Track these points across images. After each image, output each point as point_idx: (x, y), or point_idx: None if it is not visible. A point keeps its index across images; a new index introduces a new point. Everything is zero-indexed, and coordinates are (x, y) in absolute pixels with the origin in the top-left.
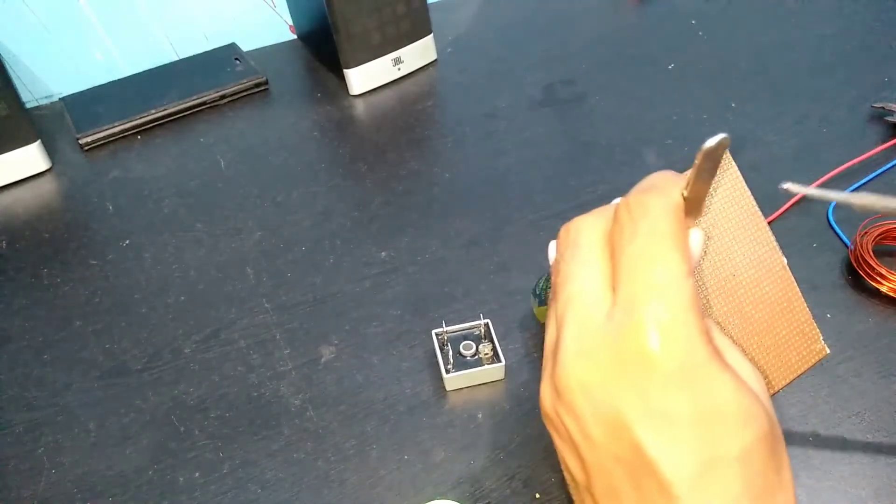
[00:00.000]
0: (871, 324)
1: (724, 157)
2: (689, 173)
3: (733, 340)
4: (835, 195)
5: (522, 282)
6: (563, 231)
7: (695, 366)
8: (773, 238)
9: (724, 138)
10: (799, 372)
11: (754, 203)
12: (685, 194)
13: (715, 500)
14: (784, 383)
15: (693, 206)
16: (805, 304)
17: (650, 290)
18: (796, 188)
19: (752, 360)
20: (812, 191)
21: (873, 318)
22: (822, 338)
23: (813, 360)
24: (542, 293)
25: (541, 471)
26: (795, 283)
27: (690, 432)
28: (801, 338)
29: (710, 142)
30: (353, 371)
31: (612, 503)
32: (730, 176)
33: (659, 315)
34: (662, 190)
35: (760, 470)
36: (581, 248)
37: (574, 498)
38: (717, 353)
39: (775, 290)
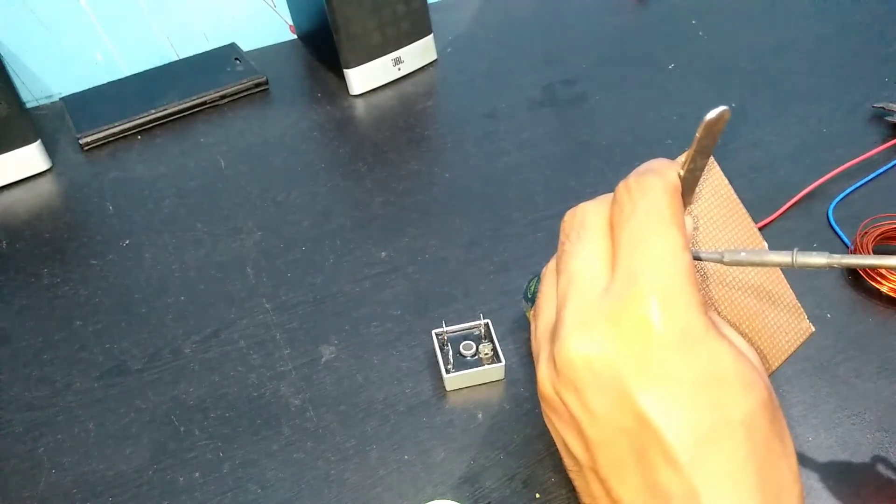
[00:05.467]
0: (871, 324)
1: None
2: (682, 157)
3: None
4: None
5: (522, 282)
6: (568, 215)
7: (694, 333)
8: (754, 225)
9: (725, 111)
10: (789, 352)
11: (734, 194)
12: (681, 173)
13: (720, 467)
14: (776, 365)
15: (688, 186)
16: (789, 287)
17: (649, 262)
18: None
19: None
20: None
21: (873, 318)
22: (806, 317)
23: (800, 340)
24: (534, 296)
25: (541, 471)
26: (779, 268)
27: (693, 398)
28: (788, 320)
29: (711, 114)
30: (353, 371)
31: (617, 478)
32: (712, 171)
33: (657, 284)
34: (660, 172)
35: (764, 435)
36: (586, 230)
37: (577, 485)
38: (713, 324)
39: (760, 276)
